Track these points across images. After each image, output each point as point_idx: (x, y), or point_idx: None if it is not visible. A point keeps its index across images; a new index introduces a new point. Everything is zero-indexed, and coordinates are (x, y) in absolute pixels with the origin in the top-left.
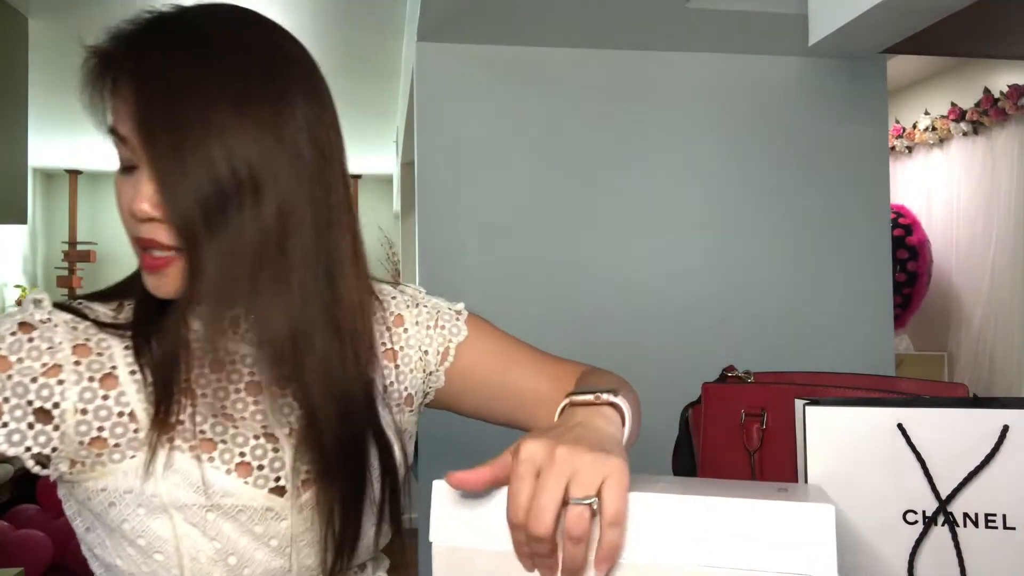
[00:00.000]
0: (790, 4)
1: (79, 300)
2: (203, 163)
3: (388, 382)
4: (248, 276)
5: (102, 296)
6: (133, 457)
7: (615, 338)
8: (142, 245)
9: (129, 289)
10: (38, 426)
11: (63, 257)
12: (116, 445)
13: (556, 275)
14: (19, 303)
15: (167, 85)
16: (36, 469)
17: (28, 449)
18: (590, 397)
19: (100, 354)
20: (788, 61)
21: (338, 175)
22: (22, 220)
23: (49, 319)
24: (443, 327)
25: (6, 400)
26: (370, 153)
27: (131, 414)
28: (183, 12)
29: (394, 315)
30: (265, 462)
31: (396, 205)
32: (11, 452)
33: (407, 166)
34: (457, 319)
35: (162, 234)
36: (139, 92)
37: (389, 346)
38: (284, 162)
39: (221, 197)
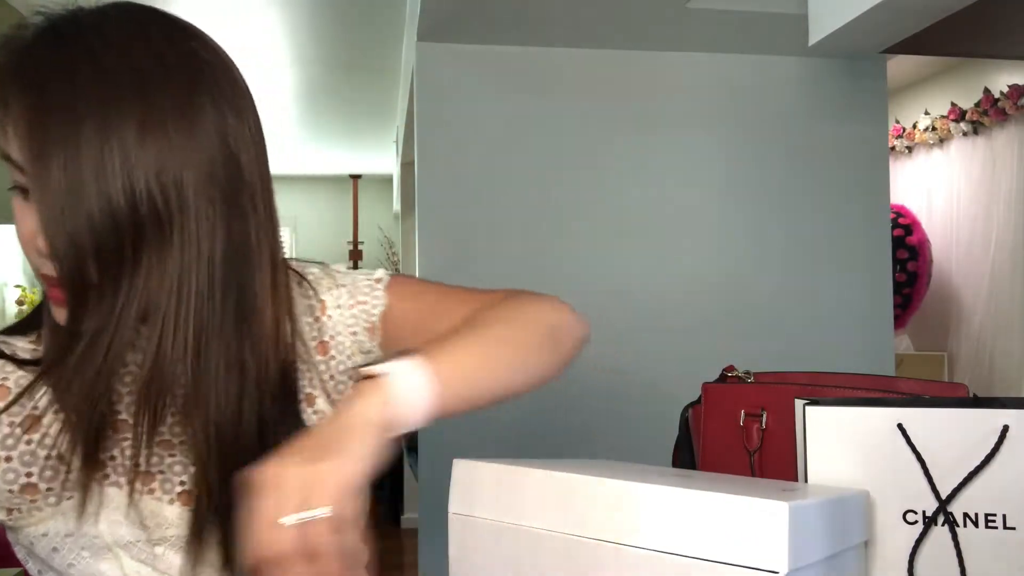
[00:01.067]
0: (790, 4)
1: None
2: (97, 196)
3: (325, 377)
4: (139, 322)
5: (20, 328)
6: (70, 498)
7: (615, 337)
8: (49, 283)
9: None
10: None
11: None
12: (49, 489)
13: (556, 274)
14: (19, 303)
15: (59, 108)
16: None
17: None
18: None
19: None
20: (788, 61)
21: (258, 195)
22: None
23: None
24: (364, 302)
25: None
26: (370, 153)
27: (59, 456)
28: (77, 16)
29: (320, 302)
30: None
31: (396, 205)
32: None
33: (407, 166)
34: (375, 289)
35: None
36: (29, 117)
37: (319, 338)
38: (192, 188)
39: (117, 235)
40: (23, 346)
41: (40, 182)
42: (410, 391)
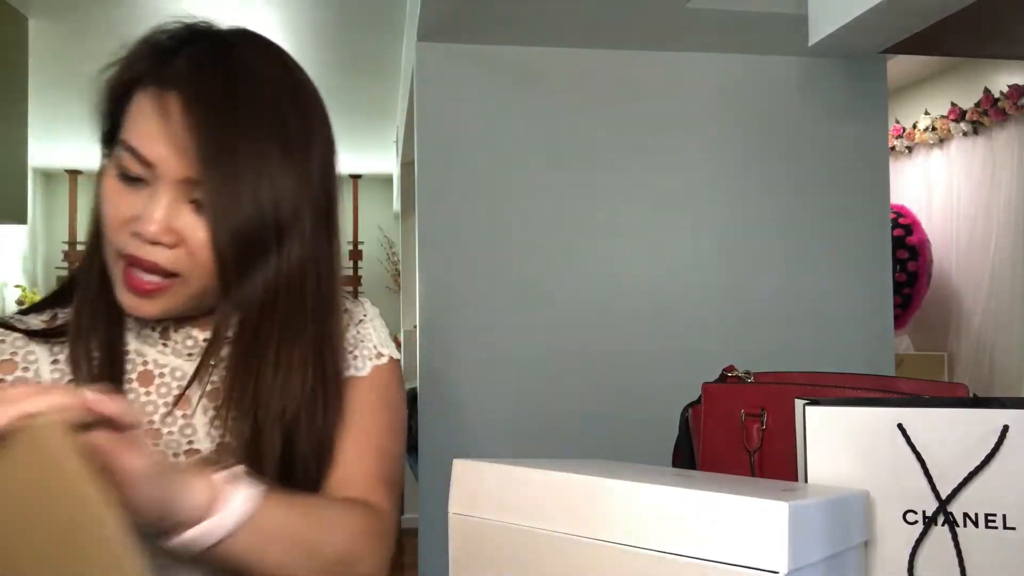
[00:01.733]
0: (790, 4)
1: (12, 315)
2: (252, 200)
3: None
4: (268, 317)
5: (36, 308)
6: None
7: (615, 338)
8: (134, 263)
9: (62, 299)
10: None
11: (63, 257)
12: None
13: (556, 275)
14: (19, 303)
15: (219, 115)
16: None
17: None
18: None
19: (26, 368)
20: (788, 61)
21: (335, 215)
22: (22, 220)
23: None
24: (356, 357)
25: None
26: (370, 153)
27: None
28: (220, 35)
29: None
30: None
31: (396, 205)
32: None
33: (407, 166)
34: (374, 358)
35: (165, 259)
36: (191, 118)
37: None
38: (307, 206)
39: (261, 234)
40: (36, 322)
41: (212, 186)
42: (230, 515)
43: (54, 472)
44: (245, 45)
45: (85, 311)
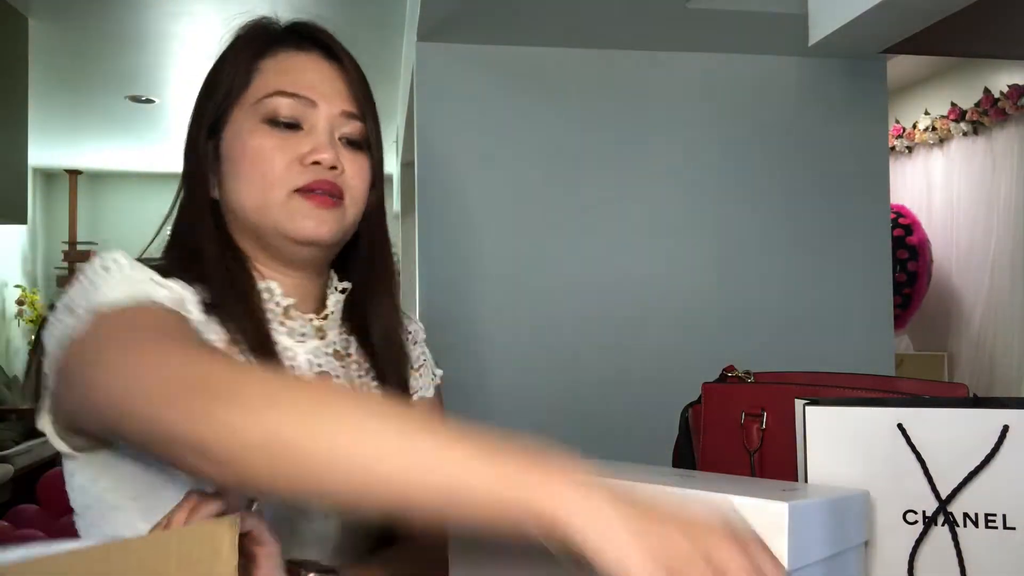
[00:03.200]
0: (790, 4)
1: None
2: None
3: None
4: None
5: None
6: None
7: (615, 338)
8: (316, 187)
9: (177, 268)
10: None
11: (63, 257)
12: None
13: (556, 275)
14: (19, 302)
15: (357, 66)
16: None
17: None
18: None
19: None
20: (788, 61)
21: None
22: (22, 220)
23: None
24: (421, 375)
25: None
26: None
27: None
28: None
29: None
30: None
31: (396, 205)
32: None
33: (407, 166)
34: (434, 378)
35: (339, 182)
36: (339, 62)
37: None
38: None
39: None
40: (191, 297)
41: (371, 113)
42: None
43: (216, 570)
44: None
45: (228, 291)
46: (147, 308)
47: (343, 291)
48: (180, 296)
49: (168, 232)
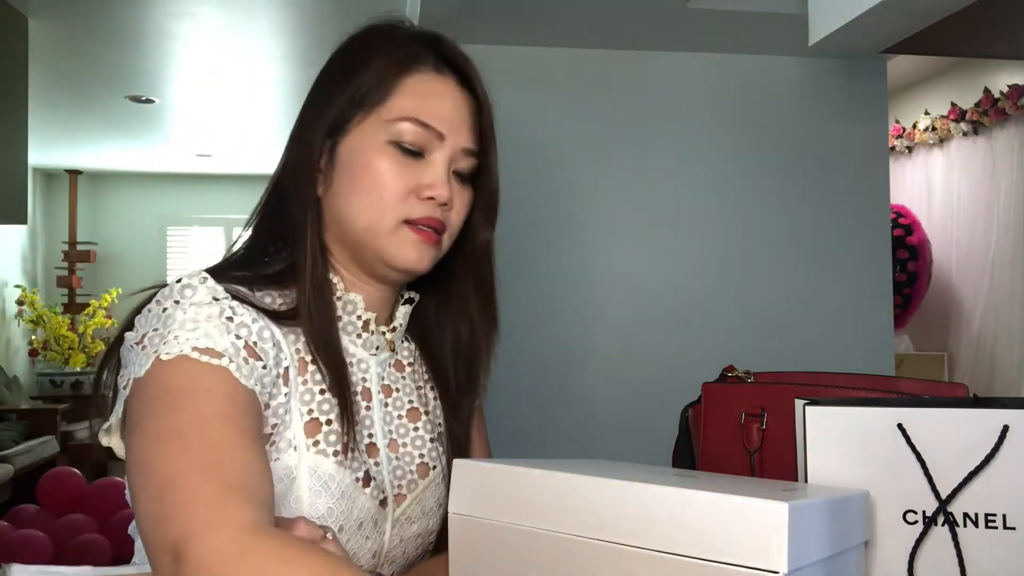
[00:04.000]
0: (790, 4)
1: (228, 283)
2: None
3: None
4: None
5: (244, 280)
6: (276, 459)
7: (615, 338)
8: (425, 223)
9: (271, 276)
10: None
11: (63, 257)
12: (272, 443)
13: (556, 274)
14: (19, 302)
15: (484, 98)
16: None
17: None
18: None
19: (280, 350)
20: (788, 61)
21: None
22: (22, 220)
23: (233, 306)
24: None
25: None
26: None
27: (287, 409)
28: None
29: None
30: (372, 472)
31: None
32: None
33: None
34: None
35: (448, 218)
36: (472, 96)
37: None
38: None
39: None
40: (269, 301)
41: (491, 151)
42: None
43: None
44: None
45: (313, 301)
46: (202, 391)
47: (409, 301)
48: (248, 338)
49: (257, 219)
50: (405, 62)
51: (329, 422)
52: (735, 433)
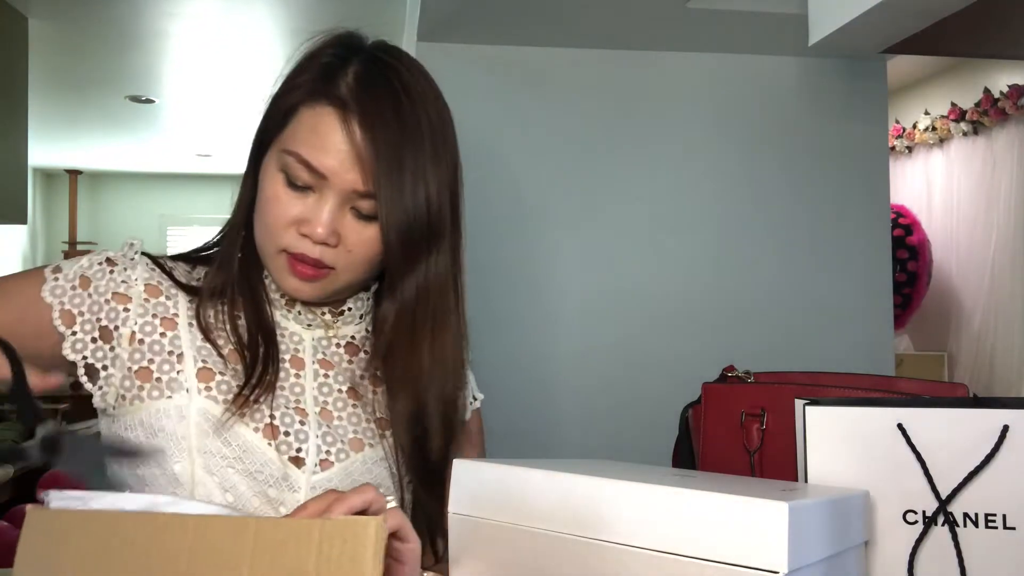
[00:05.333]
0: (790, 4)
1: (166, 256)
2: (414, 210)
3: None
4: (422, 309)
5: (184, 257)
6: (170, 397)
7: (615, 338)
8: (300, 259)
9: (206, 258)
10: (100, 342)
11: (63, 257)
12: (158, 379)
13: (554, 274)
14: None
15: (389, 132)
16: (84, 379)
17: (84, 358)
18: None
19: (168, 299)
20: (788, 61)
21: (462, 220)
22: (22, 220)
23: (133, 259)
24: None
25: (80, 313)
26: None
27: (179, 356)
28: (375, 52)
29: None
30: (291, 431)
31: None
32: (71, 358)
33: None
34: (473, 401)
35: (326, 256)
36: (365, 134)
37: None
38: (449, 212)
39: (420, 240)
40: (183, 268)
41: (385, 196)
42: None
43: (360, 568)
44: (399, 62)
45: (230, 285)
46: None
47: (365, 289)
48: (113, 279)
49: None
50: (309, 93)
51: (223, 374)
52: (735, 433)
